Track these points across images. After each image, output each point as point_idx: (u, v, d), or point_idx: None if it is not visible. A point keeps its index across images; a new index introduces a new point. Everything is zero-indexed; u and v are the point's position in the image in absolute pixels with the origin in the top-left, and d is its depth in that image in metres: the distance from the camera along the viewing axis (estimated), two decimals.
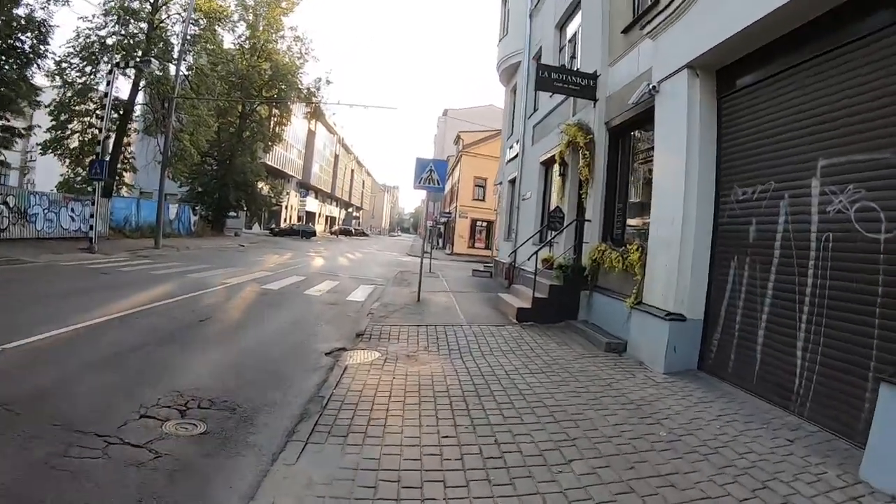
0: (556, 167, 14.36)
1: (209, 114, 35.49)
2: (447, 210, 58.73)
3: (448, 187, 64.06)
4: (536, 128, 16.98)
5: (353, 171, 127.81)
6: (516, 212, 18.85)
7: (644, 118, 9.68)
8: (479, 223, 50.65)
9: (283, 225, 67.58)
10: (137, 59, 26.68)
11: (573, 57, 14.29)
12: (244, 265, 20.70)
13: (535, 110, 17.50)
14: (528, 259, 12.13)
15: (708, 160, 7.85)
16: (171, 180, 34.02)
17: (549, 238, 13.54)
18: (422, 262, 14.73)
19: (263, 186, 50.71)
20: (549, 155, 14.84)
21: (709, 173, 7.85)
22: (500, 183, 24.31)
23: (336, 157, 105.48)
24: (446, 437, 4.98)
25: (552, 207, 13.49)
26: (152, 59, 27.90)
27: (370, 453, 4.56)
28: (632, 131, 10.63)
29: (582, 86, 11.63)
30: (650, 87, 8.77)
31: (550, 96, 15.30)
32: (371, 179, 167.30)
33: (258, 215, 61.69)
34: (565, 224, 12.68)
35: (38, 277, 13.59)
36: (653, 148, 9.25)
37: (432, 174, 13.61)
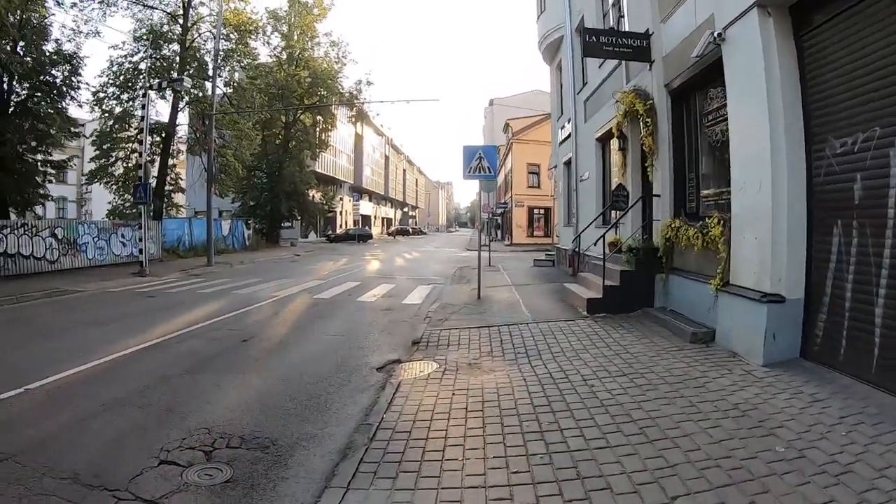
0: (613, 142, 13.30)
1: (252, 128, 35.46)
2: (503, 200, 57.71)
3: (501, 177, 63.18)
4: (588, 103, 15.89)
5: (404, 170, 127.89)
6: (574, 195, 17.79)
7: (710, 74, 8.60)
8: (536, 211, 49.36)
9: (338, 231, 67.76)
10: (170, 80, 26.56)
11: (621, 17, 13.10)
12: (297, 275, 20.29)
13: (585, 84, 16.39)
14: (595, 244, 11.13)
15: (793, 112, 6.74)
16: (218, 196, 34.08)
17: (614, 219, 12.45)
18: (479, 256, 13.85)
19: (314, 194, 50.79)
20: (604, 130, 13.76)
21: (796, 127, 6.74)
22: (555, 166, 23.21)
23: (386, 158, 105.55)
24: (517, 472, 4.13)
25: (614, 186, 12.42)
26: (185, 78, 27.78)
27: (424, 500, 3.77)
28: (697, 91, 9.48)
29: (634, 47, 10.55)
30: (714, 35, 7.68)
31: (600, 66, 14.26)
32: (424, 178, 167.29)
33: (313, 223, 62.00)
34: (630, 202, 11.61)
35: (82, 305, 13.43)
36: (724, 106, 8.20)
37: (482, 161, 12.75)
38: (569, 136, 18.32)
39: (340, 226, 73.45)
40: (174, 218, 33.41)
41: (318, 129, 49.04)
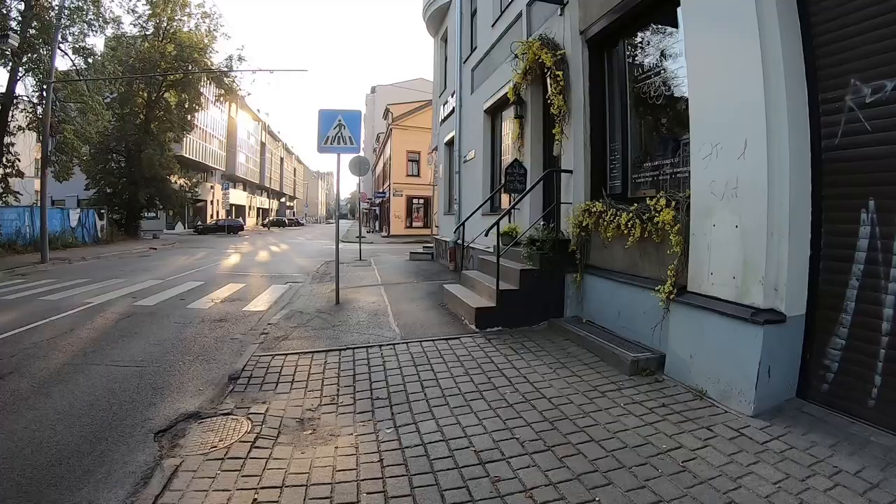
0: (507, 112, 10.88)
1: (103, 103, 30.18)
2: (381, 190, 54.60)
3: (380, 166, 60.06)
4: (476, 71, 13.25)
5: (282, 158, 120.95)
6: (457, 178, 15.14)
7: (645, 11, 6.30)
8: (415, 201, 46.58)
9: (208, 222, 62.03)
10: None
11: None
12: (134, 274, 16.23)
13: (473, 49, 13.75)
14: (485, 235, 8.52)
15: (790, 40, 4.38)
16: (56, 181, 28.71)
17: (507, 205, 9.84)
18: (337, 251, 10.60)
19: (178, 180, 45.34)
20: (496, 98, 11.20)
21: (794, 63, 4.38)
22: (435, 149, 20.54)
23: (262, 144, 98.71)
24: None
25: (507, 164, 9.80)
26: (10, 34, 22.46)
27: None
28: (625, 37, 7.04)
29: None
30: None
31: (493, 23, 11.65)
32: (303, 167, 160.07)
33: (180, 213, 56.18)
34: (529, 182, 9.08)
35: None
36: (664, 52, 6.12)
37: (342, 130, 9.74)
38: (452, 111, 15.65)
39: (211, 216, 67.30)
40: (11, 206, 27.56)
41: (183, 110, 43.56)
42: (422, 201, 45.82)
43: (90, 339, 7.86)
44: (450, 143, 16.71)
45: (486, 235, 8.33)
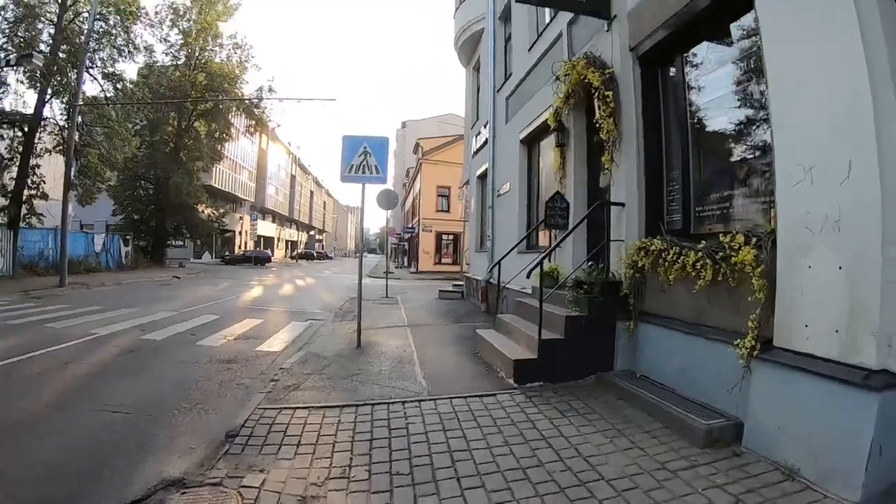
0: (546, 141, 10.15)
1: (131, 128, 30.34)
2: (410, 225, 54.19)
3: (409, 201, 59.81)
4: (511, 99, 12.60)
5: (312, 192, 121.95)
6: (490, 213, 14.39)
7: (711, 17, 5.55)
8: (444, 236, 45.99)
9: (237, 252, 62.22)
10: (19, 56, 21.55)
11: None
12: (150, 303, 15.74)
13: (508, 77, 13.14)
14: (527, 276, 7.73)
15: None
16: (79, 205, 28.84)
17: (546, 242, 9.04)
18: (360, 289, 9.77)
19: (206, 210, 45.44)
20: (534, 126, 10.50)
21: None
22: (466, 183, 19.89)
23: (292, 177, 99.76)
24: None
25: (547, 197, 9.04)
26: (34, 54, 22.50)
27: None
28: (684, 50, 6.30)
29: None
30: None
31: (530, 48, 11.05)
32: (333, 200, 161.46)
33: (208, 243, 56.31)
34: (573, 217, 8.30)
35: None
36: (734, 67, 5.45)
37: (367, 158, 9.09)
38: (485, 143, 15.01)
39: (239, 247, 67.70)
40: (35, 228, 27.57)
41: (213, 139, 43.78)
42: (451, 237, 45.20)
43: (84, 375, 7.24)
44: (482, 177, 16.04)
45: (528, 277, 7.53)
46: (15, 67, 23.43)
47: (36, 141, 26.15)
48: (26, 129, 25.76)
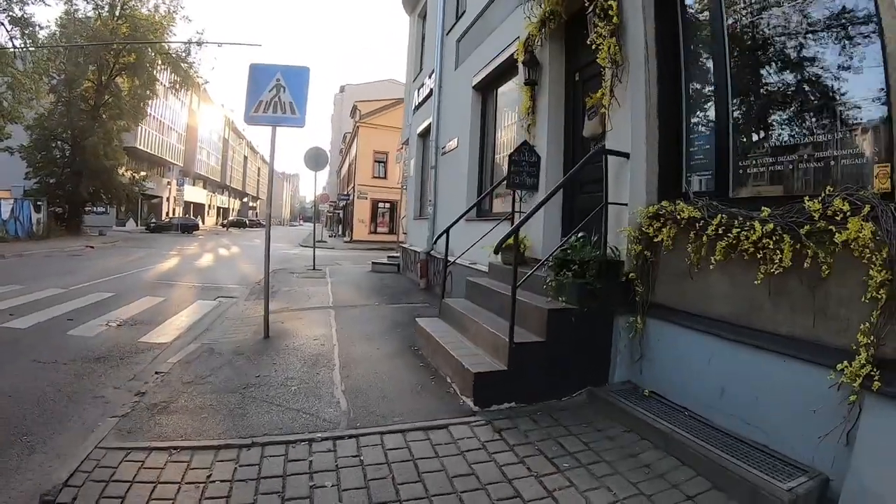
0: (511, 82, 8.24)
1: (36, 77, 26.55)
2: (345, 192, 51.51)
3: (345, 167, 56.95)
4: (464, 41, 10.49)
5: (246, 157, 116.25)
6: (432, 175, 12.30)
7: None
8: (381, 204, 43.60)
9: (164, 219, 57.89)
10: None
11: None
12: (43, 279, 12.81)
13: (460, 16, 10.96)
14: (487, 248, 5.83)
15: None
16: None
17: (515, 207, 7.03)
18: (266, 261, 7.39)
19: (125, 173, 41.35)
20: (493, 66, 8.48)
21: None
22: (405, 143, 17.67)
23: (225, 141, 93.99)
24: None
25: (511, 150, 7.03)
26: None
27: None
28: None
29: None
30: None
31: None
32: (268, 167, 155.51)
33: (132, 209, 51.94)
34: (545, 174, 6.41)
35: None
36: None
37: (281, 93, 6.90)
38: (429, 95, 12.84)
39: (167, 214, 63.04)
40: None
41: (136, 96, 39.38)
42: (388, 205, 42.90)
43: None
44: (424, 134, 13.89)
45: (496, 253, 5.58)
46: None
47: None
48: None
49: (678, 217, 4.13)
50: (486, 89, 9.40)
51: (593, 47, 5.17)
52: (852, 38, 3.47)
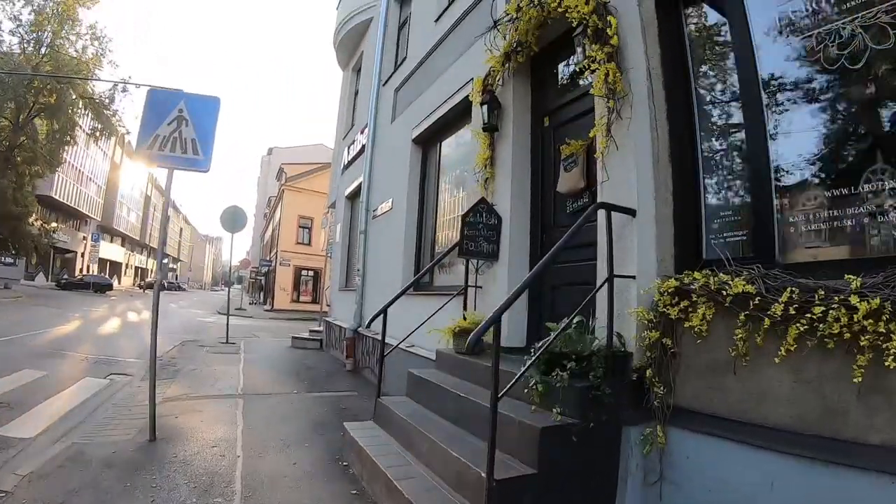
0: (459, 133, 7.15)
1: None
2: (267, 258, 49.16)
3: (269, 232, 54.72)
4: (404, 90, 9.36)
5: (168, 217, 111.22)
6: (361, 240, 10.88)
7: None
8: (304, 272, 41.39)
9: (77, 276, 53.30)
10: None
11: None
12: None
13: (399, 64, 9.88)
14: (422, 323, 4.48)
15: None
16: None
17: (468, 278, 5.69)
18: (153, 341, 5.55)
19: (35, 222, 37.85)
20: (439, 114, 7.35)
21: None
22: (332, 207, 16.22)
23: (147, 198, 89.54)
24: None
25: (469, 208, 5.75)
26: None
27: None
28: None
29: None
30: None
31: (437, 19, 8.01)
32: (191, 228, 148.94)
33: (43, 262, 47.61)
34: (508, 239, 5.17)
35: None
36: None
37: (183, 127, 5.47)
38: (360, 152, 11.58)
39: (80, 270, 58.30)
40: None
41: (54, 141, 36.17)
42: (311, 273, 40.79)
43: None
44: (354, 196, 12.53)
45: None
46: None
47: None
48: None
49: (723, 292, 2.92)
50: (429, 142, 8.21)
51: (584, 76, 4.07)
52: None
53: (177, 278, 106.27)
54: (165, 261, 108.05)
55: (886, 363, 2.39)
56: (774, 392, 2.84)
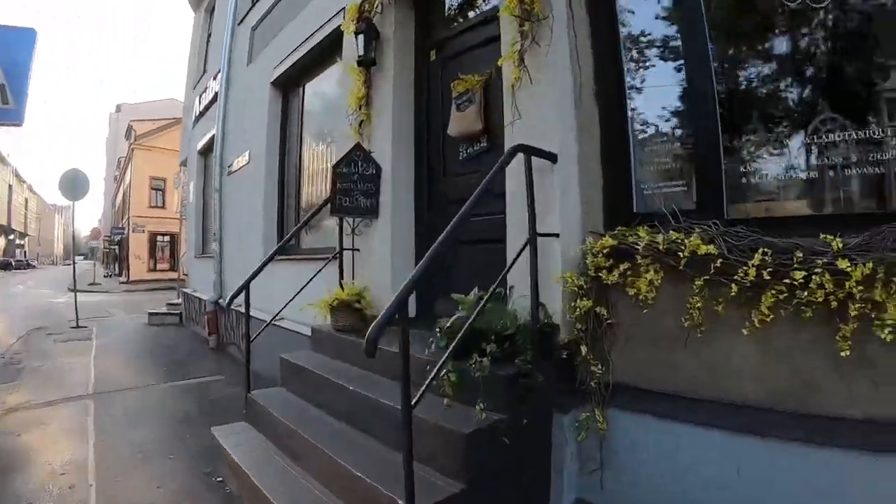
0: (328, 72, 6.24)
1: None
2: (119, 225, 45.00)
3: (119, 197, 50.04)
4: (262, 27, 8.08)
5: (10, 186, 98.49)
6: (217, 200, 9.60)
7: None
8: (160, 238, 37.94)
9: None
10: None
11: None
12: None
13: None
14: (286, 293, 3.67)
15: None
16: None
17: (340, 242, 4.83)
18: None
19: None
20: (303, 51, 6.28)
21: None
22: (184, 164, 14.52)
23: None
24: None
25: (342, 157, 4.87)
26: None
27: None
28: None
29: None
30: None
31: None
32: (37, 198, 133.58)
33: None
34: (391, 191, 4.40)
35: None
36: None
37: None
38: (213, 99, 10.18)
39: None
40: None
41: None
42: (168, 238, 37.66)
43: None
44: (207, 150, 11.08)
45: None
46: None
47: None
48: None
49: (678, 254, 2.35)
50: (292, 85, 7.13)
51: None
52: None
53: (25, 255, 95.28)
54: (12, 237, 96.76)
55: (882, 336, 2.00)
56: (737, 366, 2.42)
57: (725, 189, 2.67)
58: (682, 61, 2.90)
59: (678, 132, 2.95)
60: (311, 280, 4.45)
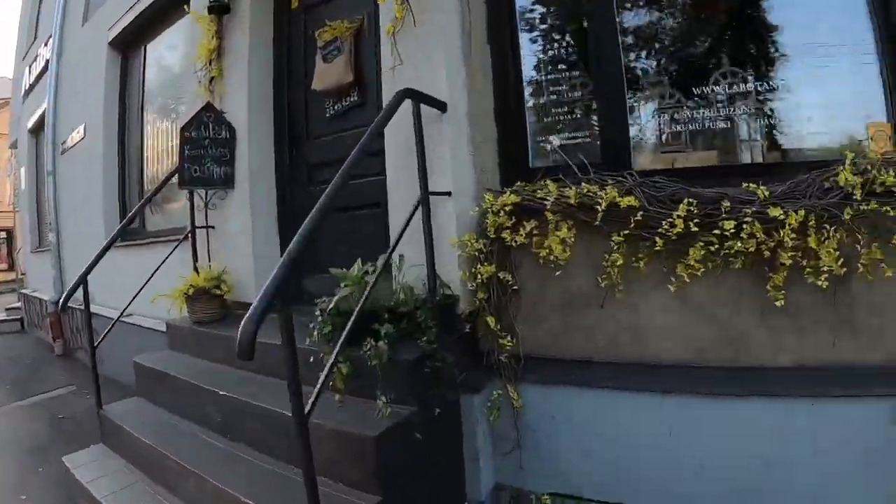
0: (176, 27, 5.53)
1: None
2: None
3: None
4: None
5: None
6: (51, 184, 8.35)
7: None
8: None
9: None
10: None
11: None
12: None
13: None
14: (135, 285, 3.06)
15: None
16: None
17: (192, 219, 4.16)
18: None
19: None
20: (145, 3, 5.51)
21: None
22: (14, 146, 12.74)
23: None
24: None
25: (191, 118, 4.20)
26: None
27: None
28: None
29: None
30: None
31: None
32: None
33: None
34: (246, 155, 3.86)
35: None
36: None
37: None
38: (45, 69, 8.87)
39: None
40: None
41: None
42: (3, 235, 33.91)
43: None
44: (38, 128, 9.68)
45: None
46: None
47: None
48: None
49: (595, 208, 2.08)
50: (132, 45, 6.21)
51: None
52: None
53: None
54: None
55: (819, 283, 1.90)
56: (659, 324, 2.27)
57: (631, 140, 2.44)
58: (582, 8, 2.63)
59: (580, 80, 2.67)
60: (160, 266, 3.81)
